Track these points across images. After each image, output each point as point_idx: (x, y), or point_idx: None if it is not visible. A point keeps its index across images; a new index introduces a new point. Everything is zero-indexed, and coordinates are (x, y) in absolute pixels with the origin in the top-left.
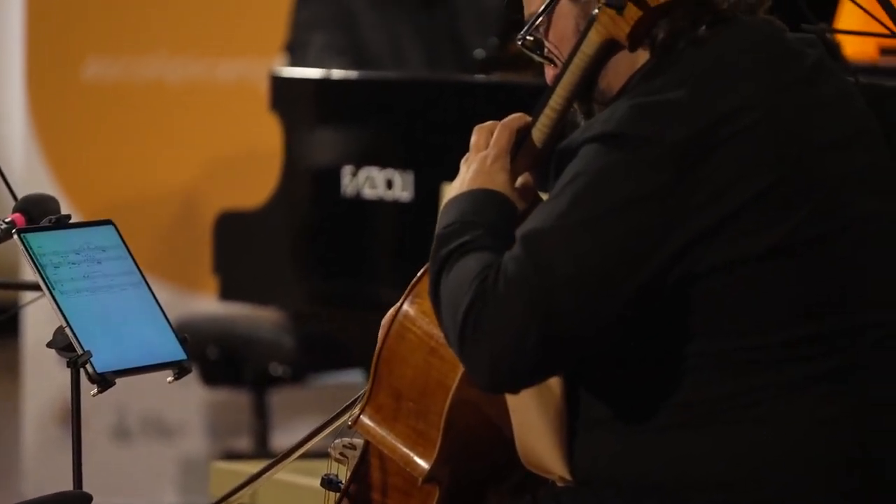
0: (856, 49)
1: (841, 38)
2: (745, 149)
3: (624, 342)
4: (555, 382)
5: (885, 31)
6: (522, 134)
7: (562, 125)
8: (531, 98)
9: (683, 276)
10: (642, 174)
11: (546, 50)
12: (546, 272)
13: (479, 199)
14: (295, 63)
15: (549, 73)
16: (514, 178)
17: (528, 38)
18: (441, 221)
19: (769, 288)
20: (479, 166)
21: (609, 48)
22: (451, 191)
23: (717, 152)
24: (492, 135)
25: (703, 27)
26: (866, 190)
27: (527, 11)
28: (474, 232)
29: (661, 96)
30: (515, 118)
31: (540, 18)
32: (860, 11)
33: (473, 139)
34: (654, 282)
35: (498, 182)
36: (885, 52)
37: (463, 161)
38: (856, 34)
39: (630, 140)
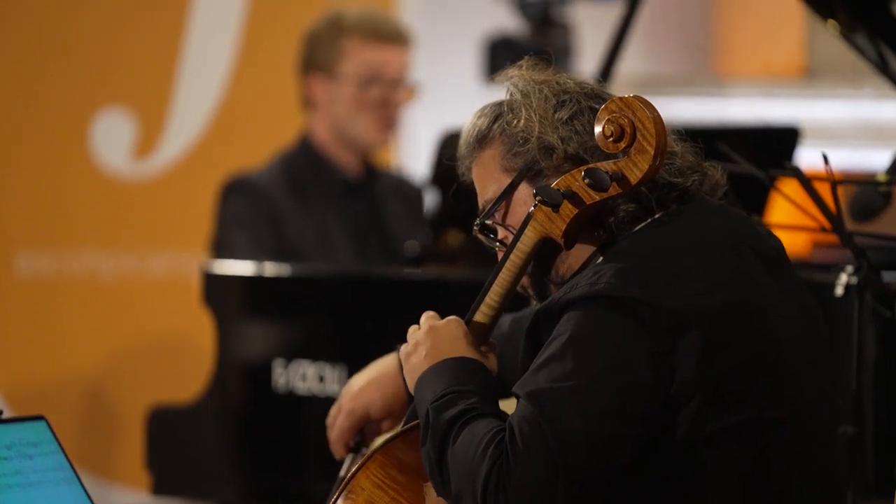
0: (788, 243)
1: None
2: (721, 325)
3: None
4: None
5: (816, 226)
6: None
7: (497, 320)
8: (463, 292)
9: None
10: (640, 335)
11: (503, 235)
12: (561, 429)
13: (457, 368)
14: (221, 257)
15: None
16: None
17: (485, 222)
18: (426, 396)
19: (719, 471)
20: (432, 342)
21: (546, 243)
22: (412, 370)
23: (701, 323)
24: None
25: (674, 205)
26: (813, 383)
27: (481, 199)
28: (468, 400)
29: (650, 264)
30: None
31: (499, 204)
32: (792, 205)
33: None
34: (645, 436)
35: (462, 349)
36: (817, 246)
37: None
38: (788, 228)
39: (627, 303)
